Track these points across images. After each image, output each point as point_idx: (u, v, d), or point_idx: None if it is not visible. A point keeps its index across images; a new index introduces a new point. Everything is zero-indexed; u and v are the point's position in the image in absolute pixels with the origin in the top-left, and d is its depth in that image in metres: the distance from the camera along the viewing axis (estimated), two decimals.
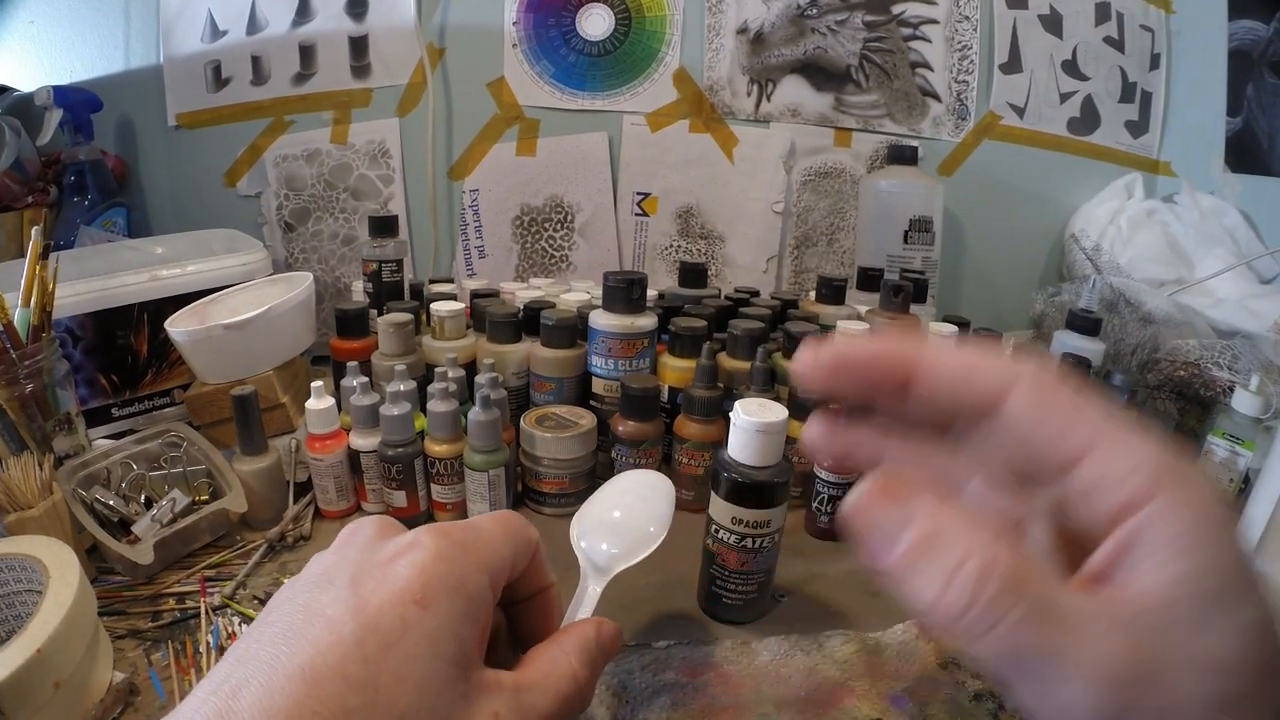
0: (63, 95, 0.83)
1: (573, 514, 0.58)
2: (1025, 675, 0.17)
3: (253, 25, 0.90)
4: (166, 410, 0.72)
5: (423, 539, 0.24)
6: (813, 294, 0.78)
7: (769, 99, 0.97)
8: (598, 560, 0.36)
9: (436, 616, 0.22)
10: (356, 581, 0.22)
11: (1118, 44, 1.01)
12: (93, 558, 0.51)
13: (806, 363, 0.23)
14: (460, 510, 0.58)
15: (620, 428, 0.59)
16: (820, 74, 0.97)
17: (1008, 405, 0.20)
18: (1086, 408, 0.19)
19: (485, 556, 0.25)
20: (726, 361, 0.63)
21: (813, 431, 0.25)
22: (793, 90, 0.97)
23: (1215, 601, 0.16)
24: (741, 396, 0.50)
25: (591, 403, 0.64)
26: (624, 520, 0.39)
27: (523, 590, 0.28)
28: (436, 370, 0.59)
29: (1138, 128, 1.04)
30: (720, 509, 0.45)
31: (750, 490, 0.44)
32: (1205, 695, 0.16)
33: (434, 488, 0.57)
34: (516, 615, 0.28)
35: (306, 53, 0.92)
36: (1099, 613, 0.17)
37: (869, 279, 0.82)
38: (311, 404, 0.56)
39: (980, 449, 0.22)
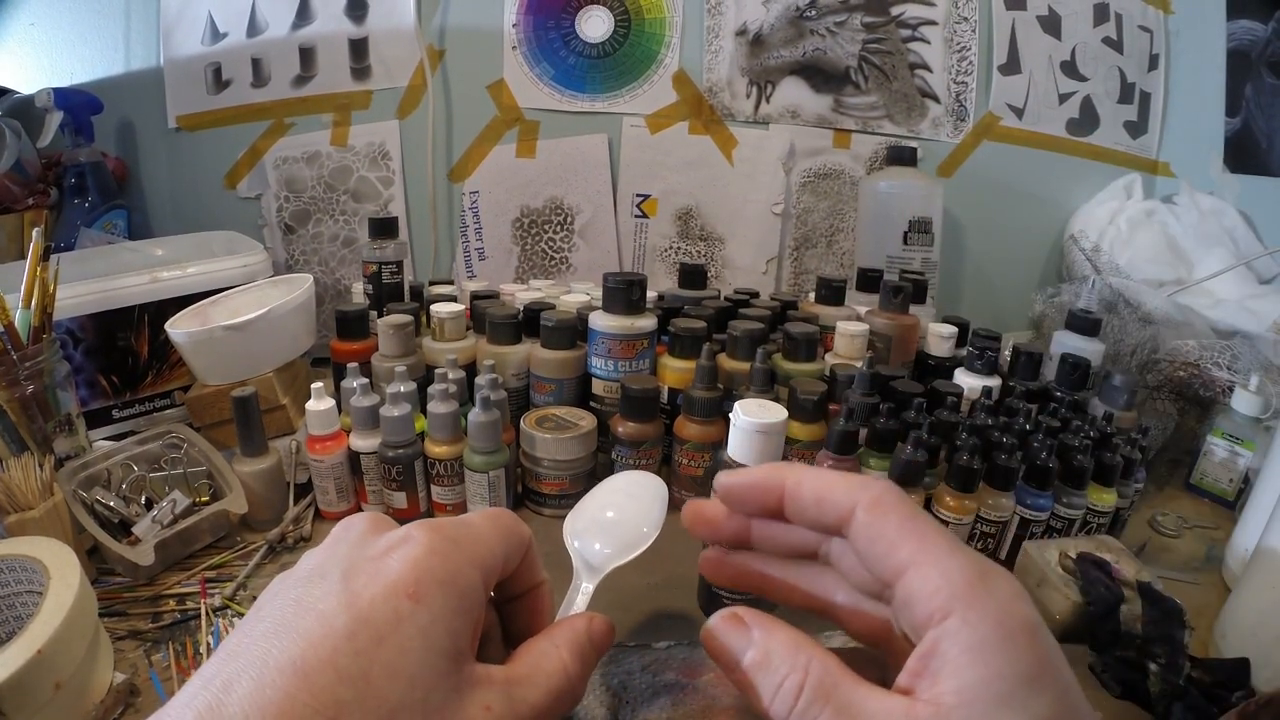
0: (63, 97, 0.83)
1: None
2: None
3: (253, 27, 0.91)
4: (167, 411, 0.72)
5: (415, 534, 0.24)
6: (812, 295, 0.78)
7: (768, 101, 0.97)
8: (591, 559, 0.36)
9: (429, 610, 0.22)
10: (349, 576, 0.22)
11: (1116, 45, 1.01)
12: (93, 559, 0.51)
13: (692, 515, 0.28)
14: (460, 511, 0.58)
15: (620, 429, 0.59)
16: (819, 75, 0.97)
17: (850, 527, 0.23)
18: (912, 530, 0.22)
19: (478, 552, 0.25)
20: (726, 362, 0.63)
21: (707, 564, 0.30)
22: (792, 92, 0.97)
23: (997, 705, 0.19)
24: (741, 397, 0.50)
25: (591, 404, 0.64)
26: (617, 520, 0.39)
27: (515, 588, 0.28)
28: (436, 371, 0.59)
29: (1137, 128, 1.04)
30: None
31: None
32: None
33: (434, 489, 0.57)
34: (508, 613, 0.28)
35: (306, 55, 0.92)
36: (893, 713, 0.20)
37: (868, 280, 0.82)
38: (312, 405, 0.56)
39: (840, 565, 0.26)
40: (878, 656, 0.26)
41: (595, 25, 0.94)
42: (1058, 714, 0.19)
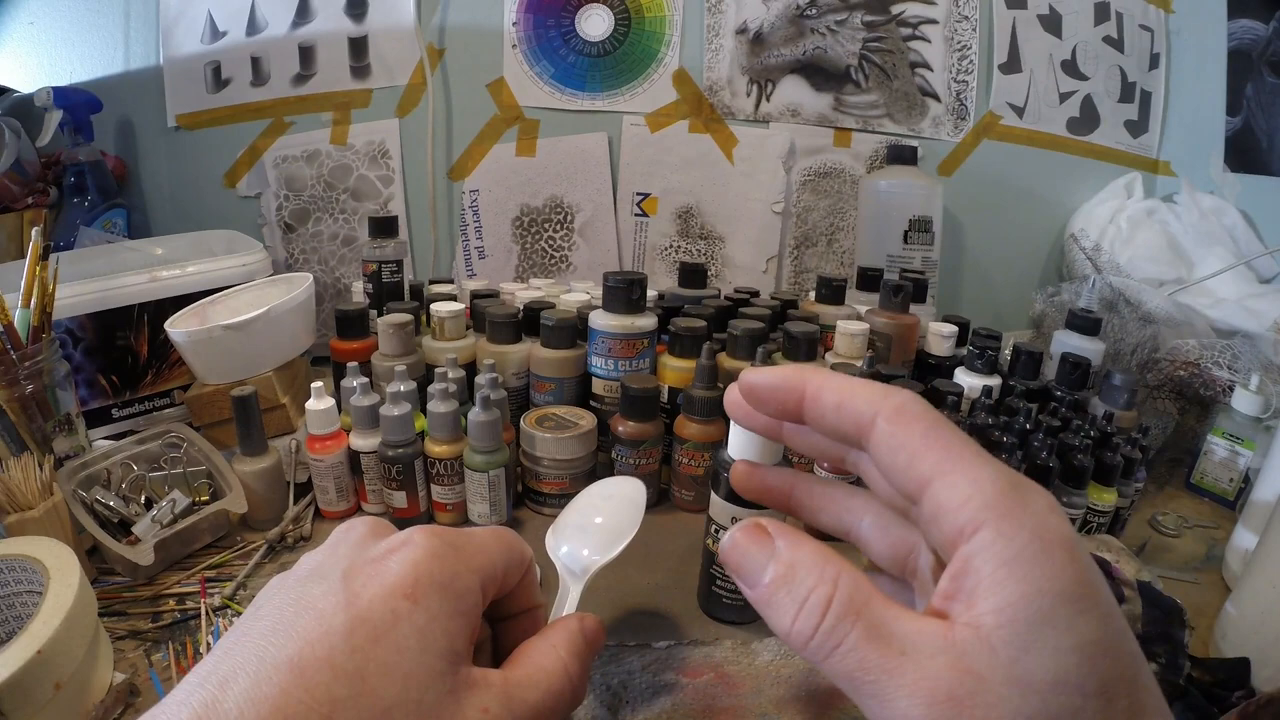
0: (62, 96, 0.83)
1: None
2: (864, 694, 0.18)
3: (252, 26, 0.91)
4: (167, 411, 0.72)
5: (415, 537, 0.24)
6: (812, 294, 0.78)
7: (768, 99, 0.97)
8: (573, 565, 0.37)
9: (426, 612, 0.22)
10: (348, 576, 0.22)
11: (1117, 44, 1.01)
12: (93, 559, 0.51)
13: (731, 398, 0.27)
14: (460, 511, 0.58)
15: (620, 428, 0.59)
16: (820, 74, 0.97)
17: (872, 434, 0.22)
18: (936, 439, 0.21)
19: (477, 560, 0.25)
20: (726, 362, 0.63)
21: (737, 475, 0.29)
22: (792, 90, 0.97)
23: (1038, 627, 0.17)
24: None
25: (591, 403, 0.64)
26: (598, 524, 0.40)
27: (511, 607, 0.28)
28: (436, 371, 0.59)
29: (1137, 127, 1.04)
30: (720, 509, 0.45)
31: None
32: (1026, 712, 0.17)
33: (434, 488, 0.57)
34: (502, 631, 0.28)
35: (306, 53, 0.92)
36: (930, 636, 0.18)
37: (869, 279, 0.82)
38: (311, 405, 0.56)
39: (866, 479, 0.24)
40: (904, 589, 0.25)
41: (595, 24, 0.94)
42: (1103, 638, 0.17)
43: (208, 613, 0.47)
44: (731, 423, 0.44)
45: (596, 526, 0.40)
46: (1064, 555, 0.18)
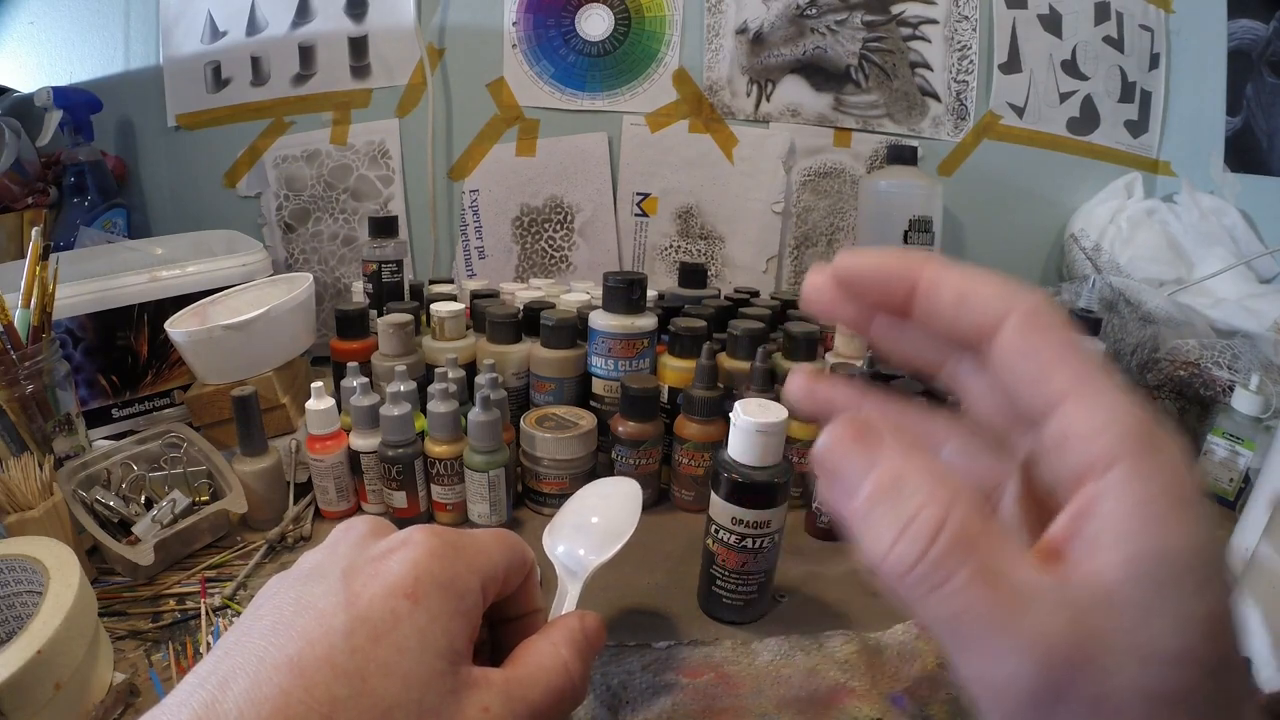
0: (62, 96, 0.83)
1: None
2: (965, 644, 0.16)
3: (252, 26, 0.91)
4: (167, 411, 0.72)
5: (416, 537, 0.24)
6: None
7: (768, 99, 0.97)
8: (571, 565, 0.37)
9: (427, 611, 0.22)
10: (348, 576, 0.22)
11: (1117, 43, 1.01)
12: (93, 559, 0.51)
13: (814, 283, 0.22)
14: (460, 511, 0.58)
15: (620, 428, 0.59)
16: (820, 74, 0.97)
17: (998, 337, 0.18)
18: (1074, 354, 0.18)
19: (478, 560, 0.25)
20: (726, 362, 0.63)
21: (794, 385, 0.24)
22: (792, 90, 0.97)
23: (1168, 589, 0.15)
24: (741, 397, 0.50)
25: (591, 403, 0.64)
26: (594, 523, 0.40)
27: (512, 609, 0.28)
28: (436, 371, 0.59)
29: (1137, 127, 1.04)
30: (720, 509, 0.45)
31: (750, 490, 0.44)
32: (1144, 687, 0.15)
33: (434, 488, 0.57)
34: (503, 635, 0.28)
35: (306, 53, 0.92)
36: (1048, 588, 0.16)
37: None
38: (311, 405, 0.56)
39: (967, 392, 0.21)
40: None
41: (595, 23, 0.94)
42: (1224, 612, 0.16)
43: (208, 613, 0.47)
44: (732, 423, 0.44)
45: (593, 526, 0.40)
46: (1197, 514, 0.16)
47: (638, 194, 1.00)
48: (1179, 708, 0.15)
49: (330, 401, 0.56)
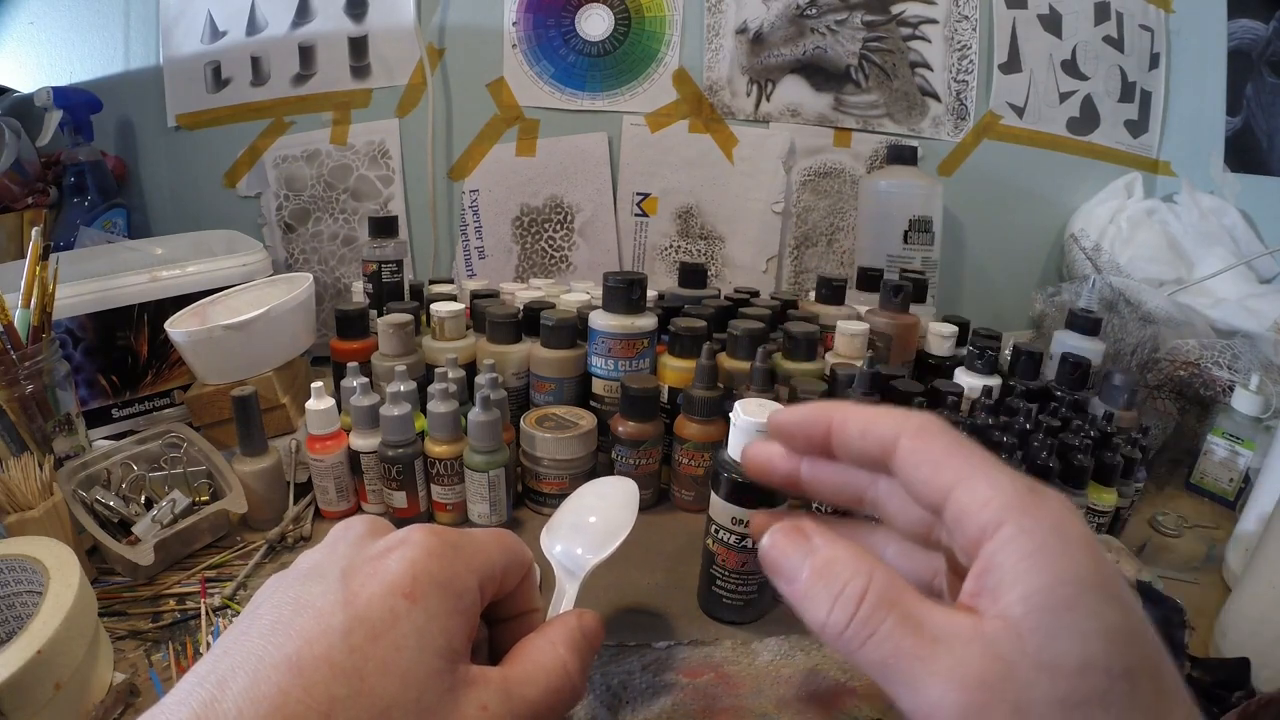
0: (62, 96, 0.83)
1: None
2: (897, 681, 0.19)
3: (252, 26, 0.91)
4: (167, 411, 0.72)
5: (414, 536, 0.24)
6: (812, 294, 0.78)
7: (768, 99, 0.97)
8: (569, 564, 0.37)
9: (425, 610, 0.22)
10: (347, 575, 0.22)
11: (1117, 43, 1.01)
12: (93, 559, 0.51)
13: (751, 455, 0.29)
14: (460, 511, 0.58)
15: (620, 428, 0.59)
16: (820, 74, 0.97)
17: (896, 452, 0.23)
18: (957, 451, 0.22)
19: (476, 560, 0.25)
20: (726, 362, 0.63)
21: (758, 525, 0.28)
22: (792, 90, 0.97)
23: (1064, 612, 0.18)
24: (741, 397, 0.50)
25: (591, 403, 0.64)
26: (592, 522, 0.40)
27: (510, 609, 0.28)
28: (436, 371, 0.59)
29: (1137, 127, 1.04)
30: (720, 509, 0.45)
31: (750, 490, 0.44)
32: (1056, 695, 0.17)
33: (434, 488, 0.57)
34: (500, 634, 0.28)
35: (306, 53, 0.92)
36: (961, 626, 0.19)
37: (869, 279, 0.82)
38: (311, 405, 0.56)
39: (887, 508, 0.25)
40: None
41: (595, 23, 0.94)
42: (1125, 624, 0.18)
43: (208, 613, 0.47)
44: (732, 424, 0.44)
45: (590, 525, 0.40)
46: (1083, 548, 0.19)
47: (638, 194, 1.00)
48: (1093, 709, 0.18)
49: (330, 401, 0.56)
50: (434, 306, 0.66)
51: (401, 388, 0.55)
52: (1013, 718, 0.18)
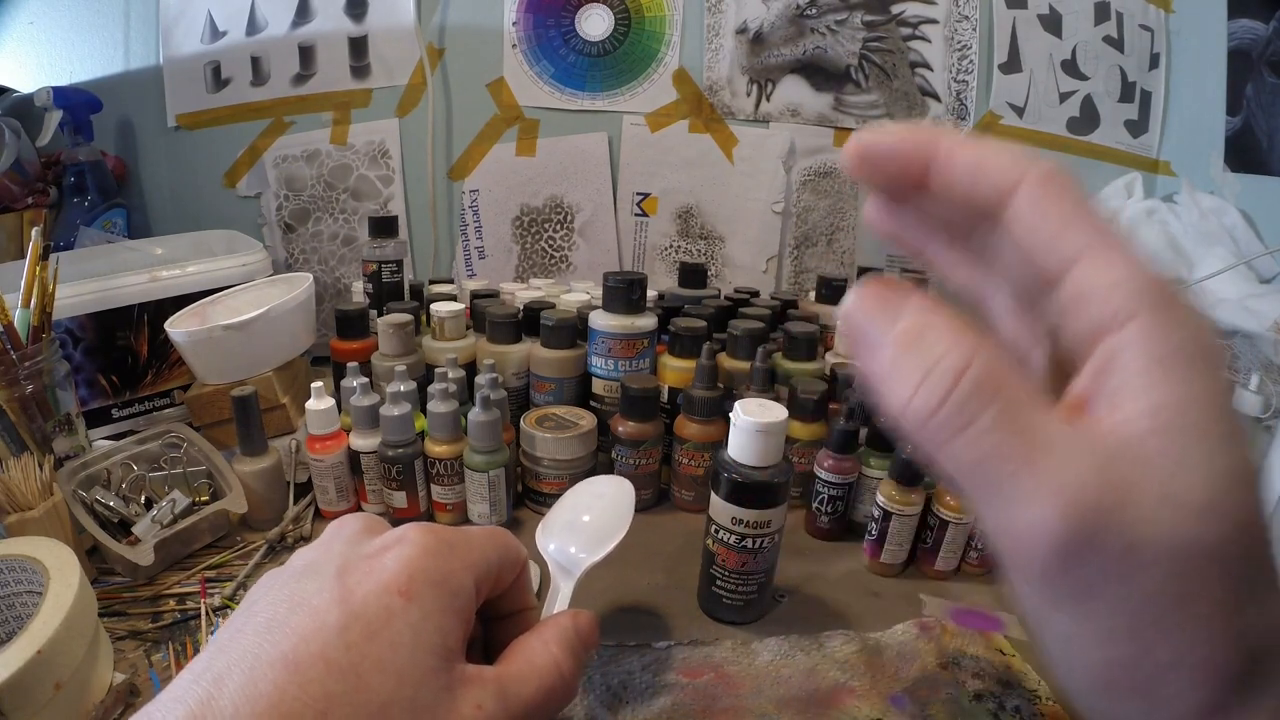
0: (62, 96, 0.83)
1: None
2: (989, 490, 0.16)
3: (252, 26, 0.90)
4: (167, 411, 0.72)
5: (410, 535, 0.24)
6: (813, 294, 0.78)
7: (768, 99, 0.97)
8: (565, 563, 0.37)
9: (420, 608, 0.22)
10: (343, 573, 0.22)
11: (1117, 43, 1.01)
12: (93, 559, 0.51)
13: (848, 152, 0.21)
14: (460, 511, 0.58)
15: (620, 428, 0.59)
16: (820, 74, 0.97)
17: (1012, 203, 0.18)
18: (1087, 215, 0.17)
19: (471, 558, 0.25)
20: (726, 362, 0.63)
21: (870, 209, 0.23)
22: (792, 90, 0.97)
23: (1193, 439, 0.15)
24: (741, 397, 0.50)
25: (591, 403, 0.64)
26: (587, 522, 0.40)
27: (504, 607, 0.28)
28: (436, 371, 0.59)
29: (1137, 127, 1.04)
30: (720, 509, 0.45)
31: (750, 490, 0.44)
32: (1177, 537, 0.15)
33: (434, 488, 0.57)
34: (494, 631, 0.28)
35: (306, 53, 0.92)
36: (1075, 436, 0.16)
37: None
38: (311, 405, 0.56)
39: (995, 260, 0.20)
40: None
41: (595, 23, 0.94)
42: (1249, 469, 0.15)
43: (208, 613, 0.47)
44: (732, 424, 0.44)
45: (585, 525, 0.40)
46: (1215, 367, 0.16)
47: (638, 194, 1.00)
48: (1211, 562, 0.15)
49: (330, 401, 0.56)
50: (434, 306, 0.66)
51: (401, 388, 0.55)
52: (1123, 557, 0.15)
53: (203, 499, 0.55)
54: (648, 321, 0.62)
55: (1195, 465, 0.15)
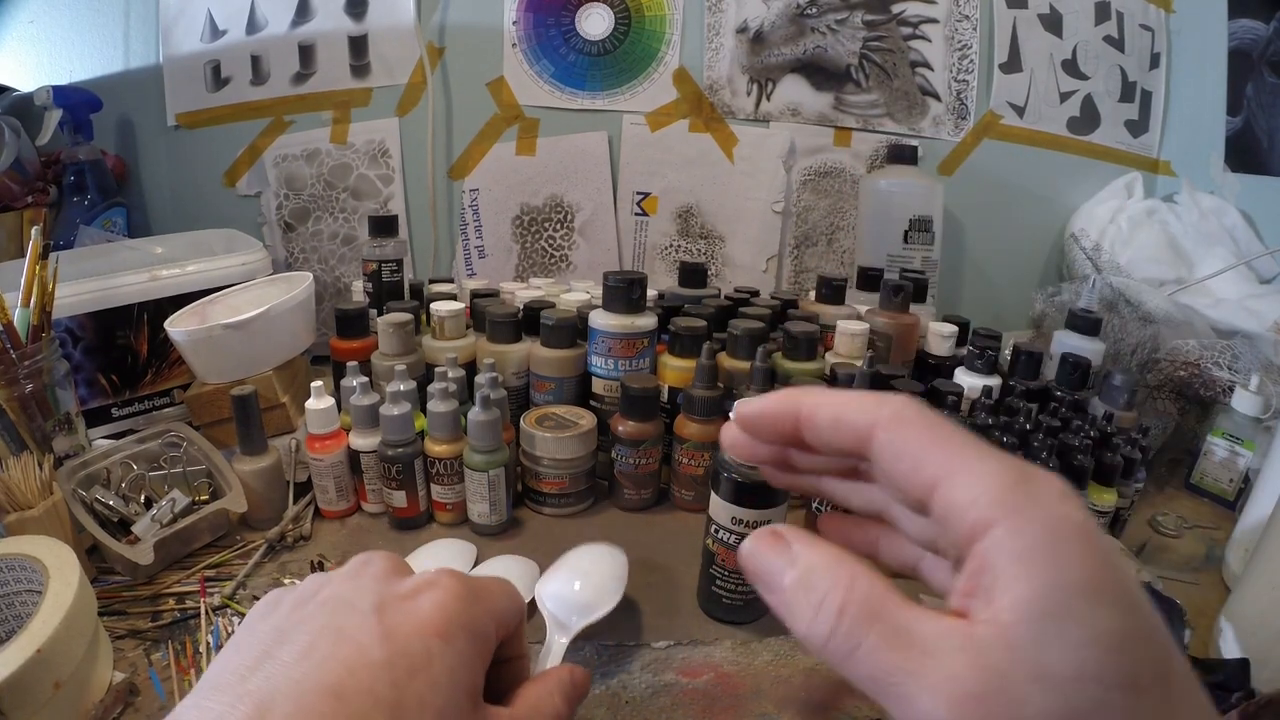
0: (62, 95, 0.82)
1: (572, 514, 0.59)
2: (887, 696, 0.18)
3: (252, 25, 0.90)
4: (166, 410, 0.72)
5: (442, 580, 0.25)
6: (812, 294, 0.78)
7: (769, 98, 0.97)
8: (562, 619, 0.41)
9: (456, 651, 0.23)
10: (381, 611, 0.23)
11: (1117, 43, 1.01)
12: (93, 558, 0.51)
13: (728, 432, 0.26)
14: (460, 510, 0.58)
15: (620, 428, 0.59)
16: (820, 73, 0.97)
17: (872, 446, 0.21)
18: (937, 440, 0.20)
19: (494, 606, 0.27)
20: (726, 361, 0.63)
21: (767, 471, 0.27)
22: (792, 90, 0.97)
23: (1057, 619, 0.17)
24: (741, 396, 0.50)
25: (591, 403, 0.64)
26: (584, 586, 0.44)
27: (504, 652, 0.29)
28: (436, 370, 0.59)
29: (1138, 127, 1.04)
30: (720, 509, 0.45)
31: (750, 490, 0.44)
32: (1050, 709, 0.16)
33: (434, 488, 0.57)
34: (492, 675, 0.29)
35: (306, 52, 0.92)
36: (951, 636, 0.18)
37: (869, 279, 0.82)
38: (311, 404, 0.56)
39: (882, 483, 0.23)
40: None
41: (595, 23, 0.94)
42: (1125, 628, 0.17)
43: (207, 612, 0.47)
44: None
45: (581, 589, 0.43)
46: (1080, 545, 0.18)
47: (638, 193, 1.00)
48: None
49: (330, 401, 0.56)
50: (434, 306, 0.66)
51: (401, 387, 0.55)
52: None
53: (202, 498, 0.55)
54: (648, 321, 0.62)
55: (1058, 643, 0.17)
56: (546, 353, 0.62)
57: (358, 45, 0.92)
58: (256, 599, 0.49)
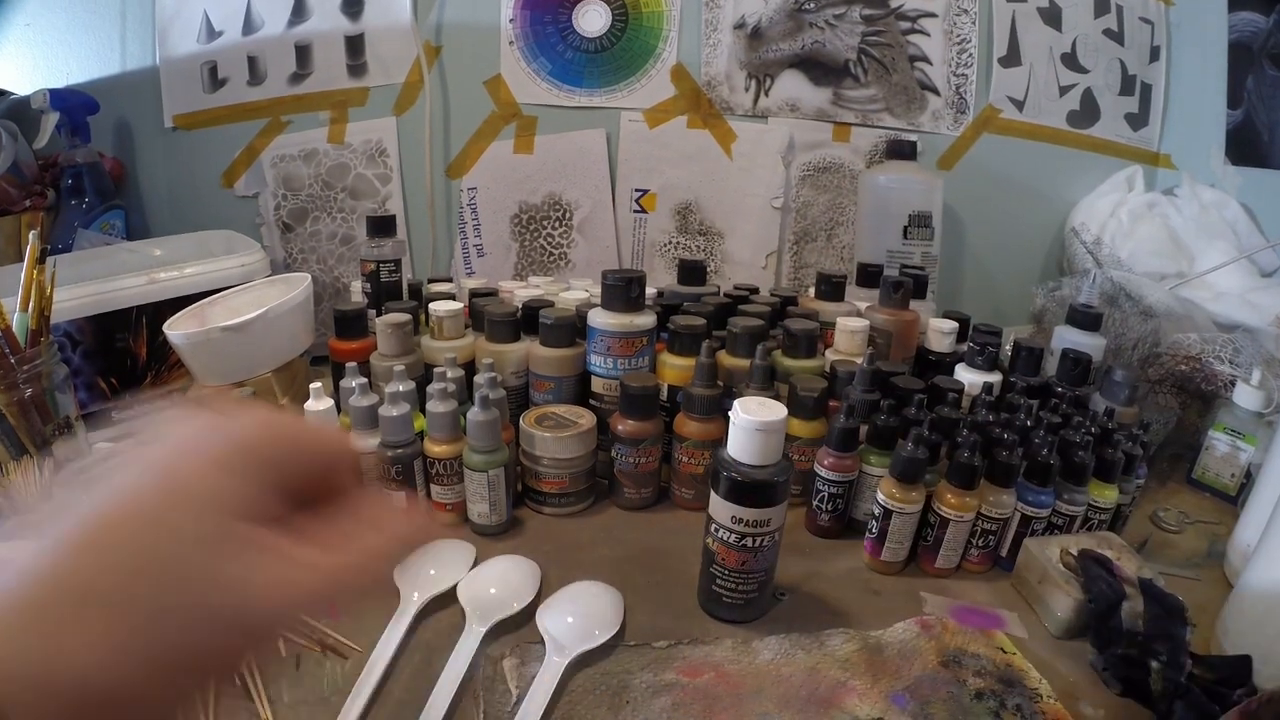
0: (59, 98, 0.82)
1: (572, 513, 0.59)
2: None
3: (248, 26, 0.90)
4: None
5: (240, 413, 0.25)
6: (812, 290, 0.78)
7: (767, 94, 0.97)
8: (562, 641, 0.44)
9: (228, 473, 0.23)
10: (154, 442, 0.23)
11: (1117, 36, 1.01)
12: None
13: None
14: (460, 510, 0.58)
15: (620, 427, 0.59)
16: (818, 69, 0.96)
17: None
18: None
19: (290, 434, 0.25)
20: (726, 359, 0.63)
21: None
22: (791, 85, 0.97)
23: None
24: (741, 395, 0.50)
25: (591, 402, 0.64)
26: (583, 614, 0.47)
27: (326, 486, 0.27)
28: (435, 370, 0.59)
29: (1138, 120, 1.04)
30: (720, 508, 0.45)
31: (750, 489, 0.44)
32: None
33: (433, 488, 0.57)
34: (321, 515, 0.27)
35: (302, 52, 0.91)
36: None
37: (869, 275, 0.82)
38: (310, 405, 0.55)
39: None
40: None
41: (592, 19, 0.93)
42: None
43: None
44: (731, 422, 0.44)
45: (578, 618, 0.46)
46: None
47: (636, 190, 0.99)
48: None
49: (329, 402, 0.56)
50: (432, 306, 0.66)
51: (400, 387, 0.55)
52: None
53: None
54: (647, 319, 0.62)
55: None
56: (545, 352, 0.62)
57: (354, 45, 0.92)
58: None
